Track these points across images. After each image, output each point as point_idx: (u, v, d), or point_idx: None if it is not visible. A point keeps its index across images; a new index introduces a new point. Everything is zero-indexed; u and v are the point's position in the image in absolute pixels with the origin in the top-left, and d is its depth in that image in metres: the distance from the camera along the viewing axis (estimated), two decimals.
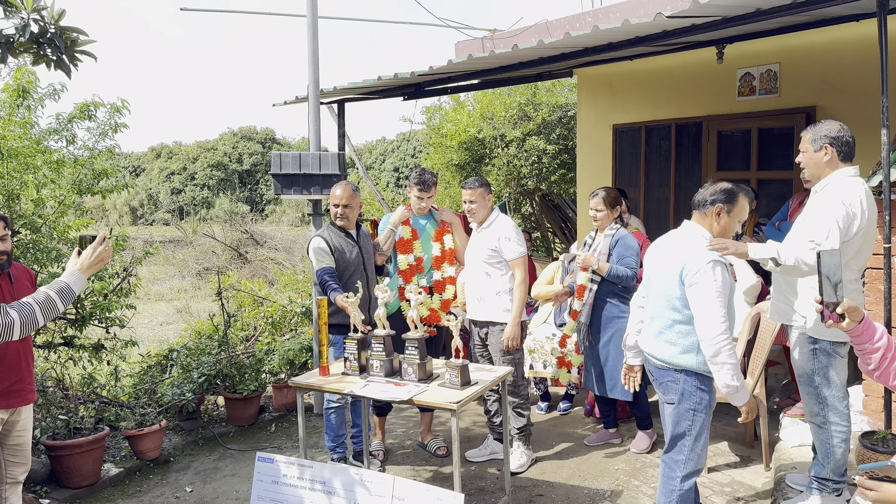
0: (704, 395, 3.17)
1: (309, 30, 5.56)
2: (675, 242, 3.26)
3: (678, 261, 3.12)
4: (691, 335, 3.12)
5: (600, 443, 4.95)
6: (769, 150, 6.90)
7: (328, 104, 7.64)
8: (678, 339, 3.17)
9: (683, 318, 3.13)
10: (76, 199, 5.37)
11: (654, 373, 3.34)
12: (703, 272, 3.00)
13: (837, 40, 5.95)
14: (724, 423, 5.13)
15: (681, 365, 3.16)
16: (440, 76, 6.39)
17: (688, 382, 3.16)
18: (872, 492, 2.00)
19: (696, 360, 3.13)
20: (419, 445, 5.06)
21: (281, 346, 6.27)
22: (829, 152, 3.31)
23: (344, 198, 4.38)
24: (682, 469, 3.24)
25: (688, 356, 3.15)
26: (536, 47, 5.04)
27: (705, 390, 3.17)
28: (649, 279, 3.36)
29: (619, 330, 4.50)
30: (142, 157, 46.23)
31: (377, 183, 13.44)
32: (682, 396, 3.18)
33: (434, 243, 4.71)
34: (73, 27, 2.93)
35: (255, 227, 17.28)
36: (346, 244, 4.39)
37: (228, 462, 4.96)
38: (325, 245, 4.33)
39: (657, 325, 3.27)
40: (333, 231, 4.42)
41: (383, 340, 3.80)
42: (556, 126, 10.37)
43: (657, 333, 3.27)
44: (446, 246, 4.74)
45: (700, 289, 3.00)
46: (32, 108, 5.06)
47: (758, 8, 4.14)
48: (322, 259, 4.32)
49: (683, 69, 7.17)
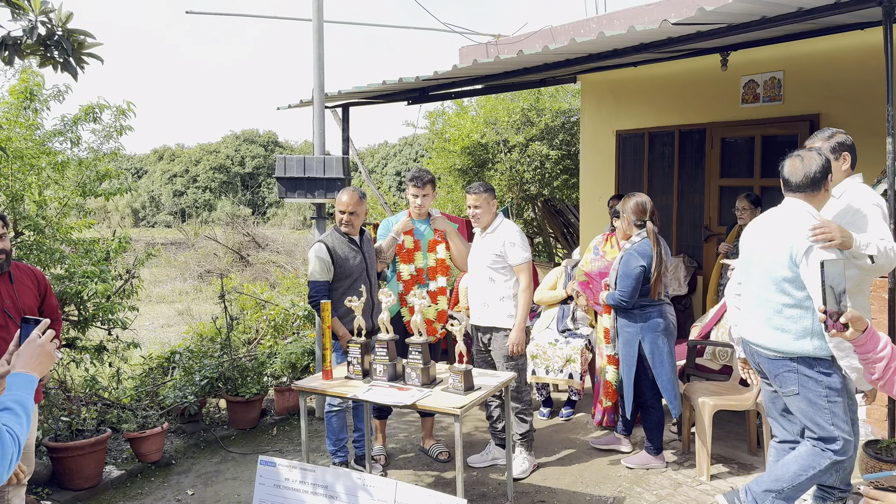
0: (832, 379, 2.93)
1: (314, 34, 5.57)
2: (778, 221, 3.06)
3: (786, 240, 2.94)
4: (804, 318, 2.91)
5: (606, 447, 4.91)
6: (773, 158, 6.90)
7: (332, 108, 7.65)
8: (790, 325, 2.96)
9: (794, 300, 2.93)
10: (79, 201, 5.38)
11: (764, 366, 3.13)
12: (817, 248, 2.85)
13: (842, 48, 5.96)
14: (727, 431, 5.11)
15: (797, 352, 2.95)
16: (444, 81, 6.40)
17: (808, 370, 2.93)
18: (877, 501, 2.00)
19: (814, 344, 2.91)
20: (421, 450, 5.05)
21: (283, 350, 6.26)
22: (847, 160, 3.34)
23: (350, 204, 4.38)
24: (835, 446, 3.02)
25: (803, 342, 2.93)
26: (541, 53, 5.04)
27: (829, 373, 2.94)
28: (748, 263, 3.15)
29: (624, 342, 4.53)
30: (144, 159, 46.33)
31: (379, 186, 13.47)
32: (804, 386, 2.97)
33: (429, 254, 4.71)
34: (81, 30, 2.94)
35: (256, 230, 17.31)
36: (349, 250, 4.39)
37: (230, 465, 4.95)
38: (326, 254, 4.31)
39: (763, 311, 3.06)
40: (337, 237, 4.41)
41: (387, 344, 3.79)
42: (560, 131, 10.38)
43: (765, 321, 3.07)
44: (438, 256, 4.72)
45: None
46: (38, 110, 5.08)
47: (763, 16, 4.15)
48: (319, 271, 4.30)
49: (687, 76, 7.18)
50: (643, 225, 4.45)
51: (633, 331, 4.46)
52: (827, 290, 2.28)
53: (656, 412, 4.60)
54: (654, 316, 4.43)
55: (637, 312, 4.43)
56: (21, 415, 1.72)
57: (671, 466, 4.62)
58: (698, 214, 7.45)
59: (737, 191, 6.83)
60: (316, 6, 5.58)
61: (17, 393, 1.77)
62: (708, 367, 4.96)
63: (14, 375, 1.81)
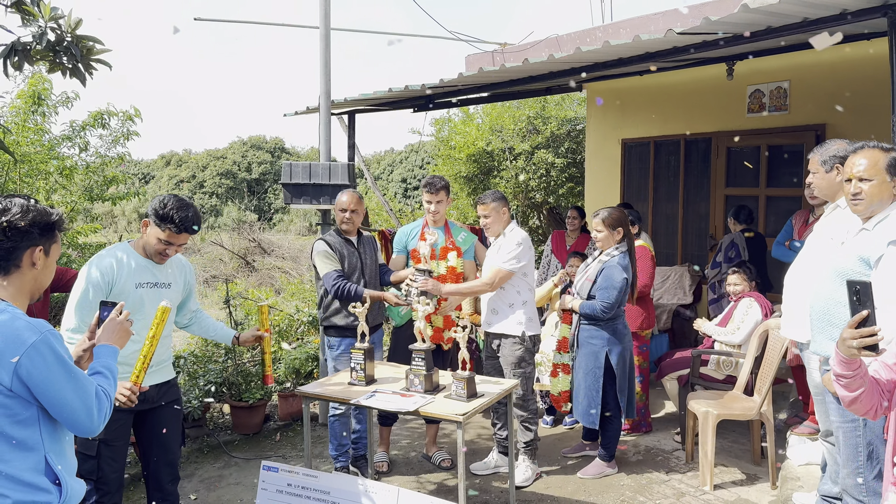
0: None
1: (321, 41, 5.60)
2: None
3: None
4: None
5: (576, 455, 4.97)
6: (778, 167, 6.90)
7: (339, 115, 7.69)
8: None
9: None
10: (86, 206, 5.42)
11: None
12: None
13: (847, 58, 5.96)
14: (731, 441, 5.10)
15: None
16: (450, 89, 6.42)
17: None
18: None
19: None
20: (424, 457, 5.04)
21: (287, 355, 6.27)
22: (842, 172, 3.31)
23: (352, 203, 4.47)
24: None
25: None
26: (547, 61, 5.06)
27: None
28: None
29: (589, 353, 4.48)
30: (151, 164, 46.49)
31: (385, 193, 13.51)
32: None
33: (440, 261, 4.71)
34: (89, 36, 2.97)
35: (262, 236, 17.35)
36: (346, 249, 4.47)
37: (233, 470, 4.96)
38: (327, 247, 4.41)
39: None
40: (334, 237, 4.50)
41: (424, 354, 3.75)
42: (565, 139, 10.40)
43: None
44: (449, 263, 4.71)
45: None
46: (46, 115, 5.13)
47: (768, 26, 4.16)
48: (328, 262, 4.38)
49: (693, 85, 7.19)
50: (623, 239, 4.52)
51: (600, 342, 4.44)
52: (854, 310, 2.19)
53: (617, 421, 4.62)
54: (619, 327, 4.48)
55: (604, 324, 4.44)
56: (109, 377, 2.13)
57: (674, 476, 4.60)
58: (703, 223, 7.45)
59: (742, 200, 6.83)
60: (323, 14, 5.61)
61: (105, 360, 2.17)
62: (712, 377, 4.95)
63: (100, 347, 2.20)
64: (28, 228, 2.02)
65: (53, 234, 2.11)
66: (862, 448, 2.93)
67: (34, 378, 1.91)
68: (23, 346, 1.89)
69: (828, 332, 3.01)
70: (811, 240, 3.51)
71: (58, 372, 1.93)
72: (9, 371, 1.88)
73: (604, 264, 4.47)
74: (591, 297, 4.45)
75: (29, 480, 1.93)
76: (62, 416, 1.97)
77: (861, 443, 2.93)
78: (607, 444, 4.67)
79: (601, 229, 4.52)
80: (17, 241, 2.01)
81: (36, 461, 1.96)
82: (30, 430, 1.94)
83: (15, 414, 1.91)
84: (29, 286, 2.08)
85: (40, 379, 1.91)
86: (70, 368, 1.97)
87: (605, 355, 4.43)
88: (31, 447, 1.95)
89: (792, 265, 3.63)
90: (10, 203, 2.02)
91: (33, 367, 1.90)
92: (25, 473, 1.93)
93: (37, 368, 1.90)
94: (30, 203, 2.04)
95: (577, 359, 4.59)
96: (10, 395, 1.90)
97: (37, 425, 1.96)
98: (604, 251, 4.55)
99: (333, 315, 4.46)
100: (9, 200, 2.03)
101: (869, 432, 2.90)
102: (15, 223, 2.00)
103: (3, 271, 2.02)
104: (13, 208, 2.01)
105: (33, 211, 2.03)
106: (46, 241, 2.08)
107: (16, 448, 1.93)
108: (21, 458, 1.93)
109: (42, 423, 1.97)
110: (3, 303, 1.98)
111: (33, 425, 1.95)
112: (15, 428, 1.91)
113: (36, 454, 1.96)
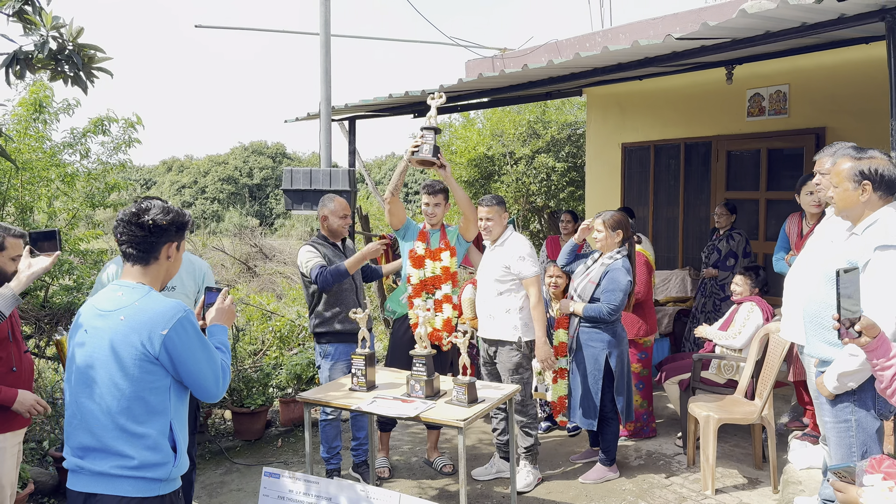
0: None
1: (322, 48, 5.63)
2: None
3: None
4: None
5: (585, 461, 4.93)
6: (778, 171, 6.91)
7: (339, 121, 7.71)
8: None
9: None
10: (88, 212, 5.44)
11: None
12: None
13: (847, 62, 5.97)
14: (733, 445, 5.09)
15: None
16: (450, 94, 6.44)
17: None
18: (841, 493, 2.04)
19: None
20: (425, 462, 5.04)
21: (288, 361, 6.27)
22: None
23: (347, 208, 4.62)
24: None
25: None
26: (546, 67, 5.08)
27: None
28: None
29: (590, 355, 4.48)
30: (153, 170, 46.54)
31: None
32: None
33: (434, 262, 4.72)
34: (91, 44, 2.98)
35: (264, 241, 17.38)
36: (331, 253, 4.53)
37: (235, 476, 4.96)
38: (311, 247, 4.51)
39: None
40: (319, 242, 4.57)
41: (425, 360, 3.75)
42: (566, 144, 10.42)
43: None
44: (443, 263, 4.72)
45: None
46: (48, 123, 5.14)
47: (767, 30, 4.17)
48: (312, 257, 4.43)
49: (693, 89, 7.20)
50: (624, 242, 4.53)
51: (600, 345, 4.44)
52: (842, 299, 2.29)
53: (615, 424, 4.62)
54: (619, 330, 4.51)
55: (605, 326, 4.44)
56: (226, 352, 2.45)
57: (676, 480, 4.60)
58: (704, 227, 7.45)
59: (742, 204, 6.84)
60: (323, 21, 5.64)
61: (220, 337, 2.49)
62: (713, 381, 4.94)
63: (213, 327, 2.52)
64: (167, 226, 2.28)
65: (185, 232, 2.37)
66: (856, 448, 2.93)
67: (178, 348, 2.20)
68: (170, 320, 2.19)
69: (820, 334, 3.01)
70: (811, 242, 3.52)
71: (196, 344, 2.25)
72: (159, 341, 2.17)
73: (608, 267, 4.46)
74: (593, 300, 4.46)
75: (155, 443, 2.19)
76: (196, 383, 2.27)
77: (854, 443, 2.93)
78: (607, 448, 4.67)
79: (601, 230, 4.53)
80: (158, 237, 2.28)
81: (163, 426, 2.22)
82: (162, 397, 2.22)
83: (154, 380, 2.19)
84: (162, 276, 2.35)
85: (183, 349, 2.21)
86: (205, 342, 2.29)
87: (605, 358, 4.43)
88: (161, 412, 2.21)
89: (792, 267, 3.65)
90: (151, 204, 2.28)
91: (178, 339, 2.20)
92: (155, 436, 2.19)
93: (181, 339, 2.20)
94: (168, 204, 2.31)
95: (576, 361, 4.59)
96: (154, 363, 2.19)
97: (168, 393, 2.23)
98: (605, 253, 4.55)
99: (329, 321, 4.45)
100: (149, 202, 2.29)
101: (862, 433, 2.90)
102: (158, 221, 2.26)
103: (144, 262, 2.29)
104: (153, 209, 2.27)
105: (172, 212, 2.31)
106: (179, 238, 2.35)
107: (151, 412, 2.19)
108: (154, 421, 2.20)
109: (172, 392, 2.24)
110: (147, 287, 2.27)
111: (165, 393, 2.23)
112: (152, 394, 2.19)
113: (165, 419, 2.22)
